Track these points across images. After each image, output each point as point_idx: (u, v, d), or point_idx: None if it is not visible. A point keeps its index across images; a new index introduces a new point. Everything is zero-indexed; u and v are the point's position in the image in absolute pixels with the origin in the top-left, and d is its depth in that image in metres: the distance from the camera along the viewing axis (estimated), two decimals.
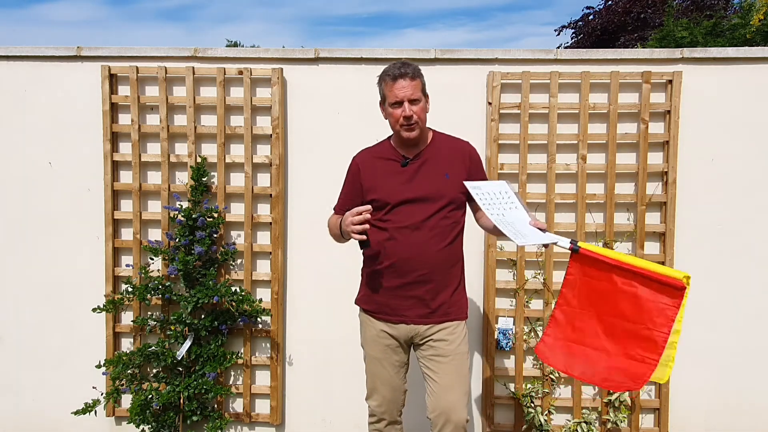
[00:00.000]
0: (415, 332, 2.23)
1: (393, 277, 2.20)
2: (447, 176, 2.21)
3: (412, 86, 2.14)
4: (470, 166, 2.28)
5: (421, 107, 2.18)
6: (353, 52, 3.09)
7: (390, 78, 2.16)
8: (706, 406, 3.11)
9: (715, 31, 7.26)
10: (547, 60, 3.06)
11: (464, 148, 2.32)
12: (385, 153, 2.29)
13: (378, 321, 2.28)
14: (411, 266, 2.16)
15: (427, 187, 2.18)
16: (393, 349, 2.28)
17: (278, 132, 3.08)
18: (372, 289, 2.29)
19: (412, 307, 2.20)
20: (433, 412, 2.21)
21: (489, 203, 2.11)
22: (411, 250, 2.15)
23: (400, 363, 2.31)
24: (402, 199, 2.18)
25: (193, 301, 2.92)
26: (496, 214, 2.08)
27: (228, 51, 3.17)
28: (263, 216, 3.14)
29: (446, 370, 2.19)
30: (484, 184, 2.18)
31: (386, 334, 2.26)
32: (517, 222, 2.08)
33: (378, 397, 2.33)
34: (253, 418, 3.18)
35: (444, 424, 2.17)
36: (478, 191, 2.13)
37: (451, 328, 2.23)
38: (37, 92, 3.19)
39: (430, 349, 2.22)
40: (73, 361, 3.22)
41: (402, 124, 2.16)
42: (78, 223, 3.20)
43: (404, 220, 2.17)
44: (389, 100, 2.18)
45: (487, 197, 2.13)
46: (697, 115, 3.02)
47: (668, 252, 3.01)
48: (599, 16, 12.98)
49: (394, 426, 2.38)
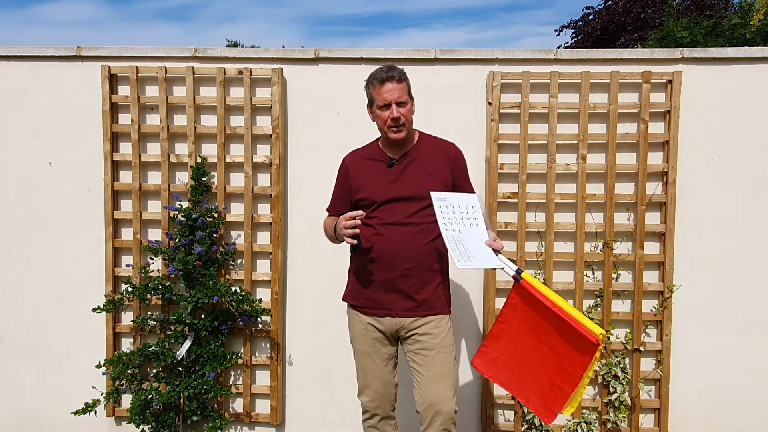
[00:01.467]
0: (400, 325, 2.29)
1: (379, 271, 2.27)
2: (431, 176, 2.28)
3: (399, 89, 2.22)
4: (453, 166, 2.35)
5: (407, 109, 2.25)
6: (353, 52, 3.09)
7: (378, 81, 2.23)
8: (706, 406, 3.11)
9: (715, 31, 7.27)
10: (547, 60, 3.06)
11: (449, 149, 2.39)
12: (373, 154, 2.37)
13: (365, 315, 2.35)
14: (396, 261, 2.23)
15: (411, 186, 2.25)
16: (381, 342, 2.34)
17: (278, 132, 3.08)
18: (359, 284, 2.35)
19: (397, 300, 2.27)
20: (421, 405, 2.26)
21: (448, 217, 2.15)
22: (396, 245, 2.23)
23: (388, 355, 2.36)
24: (387, 198, 2.26)
25: (193, 301, 2.92)
26: (451, 229, 2.13)
27: (228, 51, 3.17)
28: (263, 216, 3.14)
29: (433, 363, 2.25)
30: (450, 196, 2.21)
31: (373, 327, 2.33)
32: (471, 240, 2.14)
33: (370, 392, 2.38)
34: (253, 418, 3.18)
35: (434, 416, 2.22)
36: (441, 203, 2.17)
37: (436, 321, 2.29)
38: (37, 92, 3.19)
39: (416, 343, 2.28)
40: (73, 361, 3.22)
41: (390, 126, 2.24)
42: (78, 223, 3.20)
43: (390, 217, 2.25)
44: (377, 102, 2.25)
45: (448, 210, 2.17)
46: (697, 115, 3.02)
47: (668, 252, 3.01)
48: (599, 16, 13.00)
49: (387, 421, 2.43)
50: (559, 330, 2.01)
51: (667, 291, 3.02)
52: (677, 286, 3.05)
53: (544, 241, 3.07)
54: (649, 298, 3.08)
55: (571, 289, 3.06)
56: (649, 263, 3.06)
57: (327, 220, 2.48)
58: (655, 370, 3.08)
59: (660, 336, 3.07)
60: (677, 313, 3.06)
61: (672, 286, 3.02)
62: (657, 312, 3.07)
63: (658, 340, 3.08)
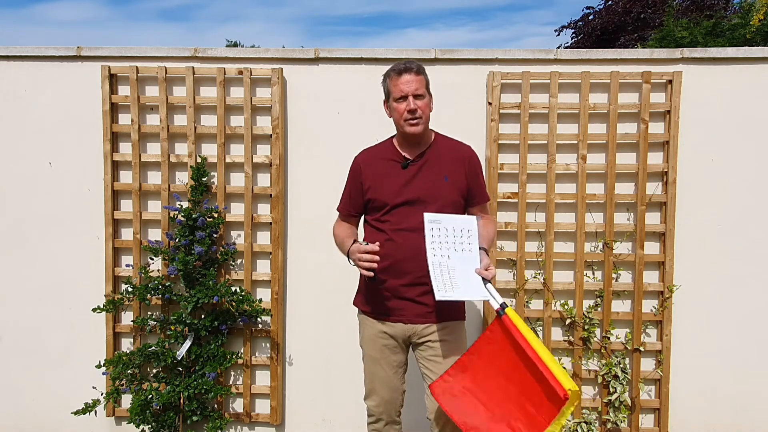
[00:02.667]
0: (412, 331, 2.23)
1: (390, 278, 2.19)
2: (446, 179, 2.21)
3: (417, 81, 2.15)
4: (468, 169, 2.27)
5: (425, 103, 2.18)
6: (353, 52, 3.09)
7: (395, 73, 2.17)
8: (706, 406, 3.11)
9: (715, 31, 7.27)
10: (547, 60, 3.06)
11: (465, 151, 2.31)
12: (387, 153, 2.29)
13: (376, 321, 2.28)
14: (408, 268, 2.16)
15: (425, 189, 2.18)
16: (391, 349, 2.27)
17: (278, 132, 3.08)
18: (370, 290, 2.29)
19: (409, 306, 2.20)
20: (433, 413, 2.21)
21: (439, 241, 2.05)
22: (409, 252, 2.15)
23: (398, 363, 2.30)
24: (400, 200, 2.18)
25: (193, 301, 2.92)
26: (439, 255, 2.03)
27: (228, 51, 3.17)
28: (263, 216, 3.14)
29: (445, 371, 2.18)
30: (446, 218, 2.09)
31: (385, 334, 2.26)
32: (459, 267, 2.04)
33: (376, 397, 2.33)
34: (253, 418, 3.18)
35: (444, 424, 2.18)
36: (434, 225, 2.06)
37: (450, 328, 2.23)
38: (37, 92, 3.19)
39: (429, 349, 2.22)
40: (73, 361, 3.22)
41: (406, 119, 2.16)
42: (78, 223, 3.20)
43: (402, 222, 2.17)
44: (394, 94, 2.18)
45: (441, 234, 2.06)
46: (697, 115, 3.02)
47: (668, 252, 3.01)
48: (599, 16, 13.01)
49: (392, 426, 2.38)
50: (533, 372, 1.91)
51: (667, 291, 3.02)
52: (677, 286, 3.05)
53: (544, 241, 3.07)
54: (649, 298, 3.08)
55: (571, 289, 3.06)
56: (649, 263, 3.06)
57: (337, 228, 2.39)
58: (655, 370, 3.08)
59: (660, 336, 3.07)
60: (677, 313, 3.06)
61: (672, 286, 3.02)
62: (657, 312, 3.07)
63: (658, 340, 3.08)
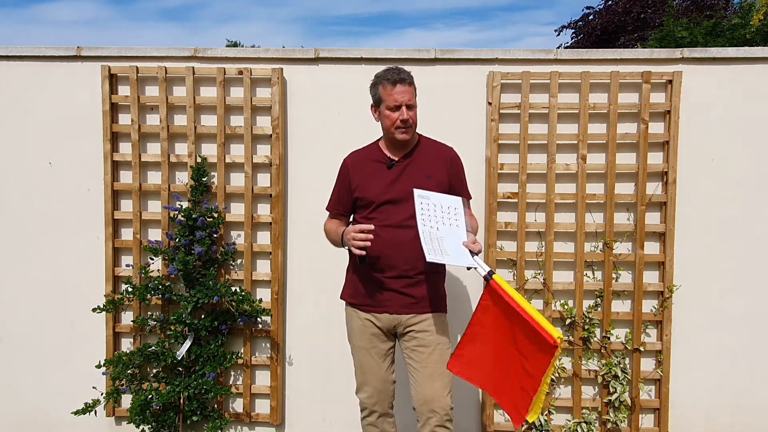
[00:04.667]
0: (397, 321, 2.33)
1: (376, 272, 2.30)
2: (429, 177, 2.32)
3: (410, 92, 2.29)
4: (450, 169, 2.39)
5: (415, 112, 2.32)
6: (353, 52, 3.09)
7: (389, 82, 2.27)
8: (706, 406, 3.11)
9: (715, 31, 7.27)
10: (547, 60, 3.06)
11: (447, 152, 2.44)
12: (374, 155, 2.41)
13: (362, 312, 2.39)
14: (393, 262, 2.27)
15: (410, 187, 2.27)
16: (378, 338, 2.38)
17: (278, 132, 3.08)
18: (356, 283, 2.40)
19: (394, 297, 2.31)
20: (417, 402, 2.29)
21: (428, 215, 2.18)
22: (394, 248, 2.27)
23: (386, 351, 2.40)
24: (386, 199, 2.30)
25: (193, 301, 2.92)
26: (429, 225, 2.16)
27: (228, 51, 3.17)
28: (263, 216, 3.14)
29: (429, 360, 2.29)
30: (434, 195, 2.23)
31: (371, 323, 2.37)
32: (447, 238, 2.16)
33: (368, 388, 2.41)
34: (253, 418, 3.18)
35: (429, 413, 2.25)
36: (423, 200, 2.19)
37: (433, 319, 2.33)
38: (37, 92, 3.19)
39: (413, 340, 2.32)
40: (73, 361, 3.22)
41: (398, 127, 2.29)
42: (78, 223, 3.19)
43: (388, 218, 2.29)
44: (388, 103, 2.28)
45: (429, 208, 2.19)
46: (697, 115, 3.02)
47: (668, 252, 3.01)
48: (599, 16, 13.02)
49: (386, 419, 2.45)
50: (525, 331, 2.01)
51: (667, 291, 3.02)
52: (677, 286, 3.05)
53: (544, 241, 3.07)
54: (649, 298, 3.08)
55: (571, 289, 3.06)
56: (649, 263, 3.06)
57: (328, 223, 2.51)
58: (655, 370, 3.08)
59: (660, 336, 3.07)
60: (677, 313, 3.06)
61: (672, 286, 3.02)
62: (657, 312, 3.07)
63: (658, 340, 3.08)
